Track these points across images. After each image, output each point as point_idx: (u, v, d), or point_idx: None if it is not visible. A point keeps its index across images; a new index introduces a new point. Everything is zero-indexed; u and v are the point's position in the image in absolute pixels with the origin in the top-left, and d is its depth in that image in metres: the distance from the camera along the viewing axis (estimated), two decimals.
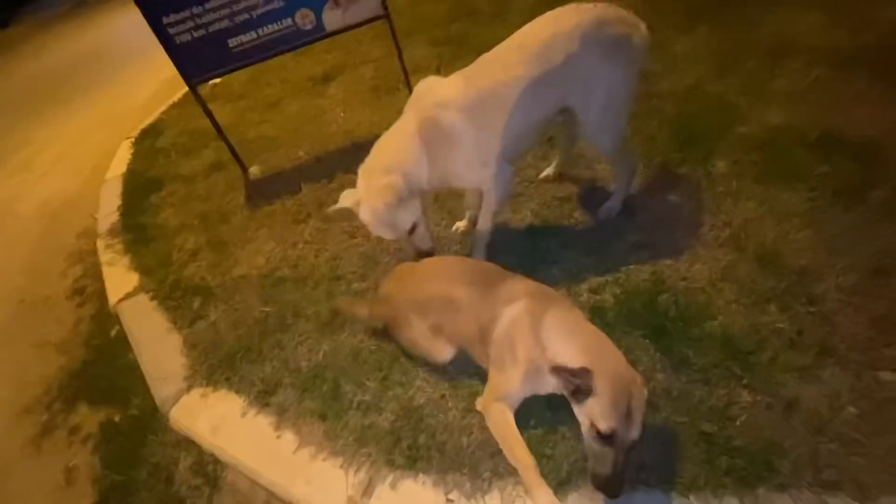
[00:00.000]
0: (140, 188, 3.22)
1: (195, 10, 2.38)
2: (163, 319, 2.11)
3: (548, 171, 2.10)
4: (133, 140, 3.99)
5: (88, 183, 3.85)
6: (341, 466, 1.37)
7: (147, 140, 3.94)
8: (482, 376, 1.40)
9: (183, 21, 2.39)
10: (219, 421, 1.62)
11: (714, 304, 1.42)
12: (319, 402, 1.54)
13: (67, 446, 2.04)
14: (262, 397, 1.63)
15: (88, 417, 2.10)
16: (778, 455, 1.09)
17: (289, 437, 1.49)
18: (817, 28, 2.44)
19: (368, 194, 1.56)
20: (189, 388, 1.77)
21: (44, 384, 2.35)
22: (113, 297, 2.37)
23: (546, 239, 1.83)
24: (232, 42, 2.50)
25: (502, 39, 1.62)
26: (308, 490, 1.35)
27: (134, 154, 3.76)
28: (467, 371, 1.47)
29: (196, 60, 2.50)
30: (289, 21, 2.51)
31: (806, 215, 1.58)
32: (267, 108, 3.77)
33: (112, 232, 2.85)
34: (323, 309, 1.85)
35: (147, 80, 5.62)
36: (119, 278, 2.48)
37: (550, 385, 1.16)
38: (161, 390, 1.81)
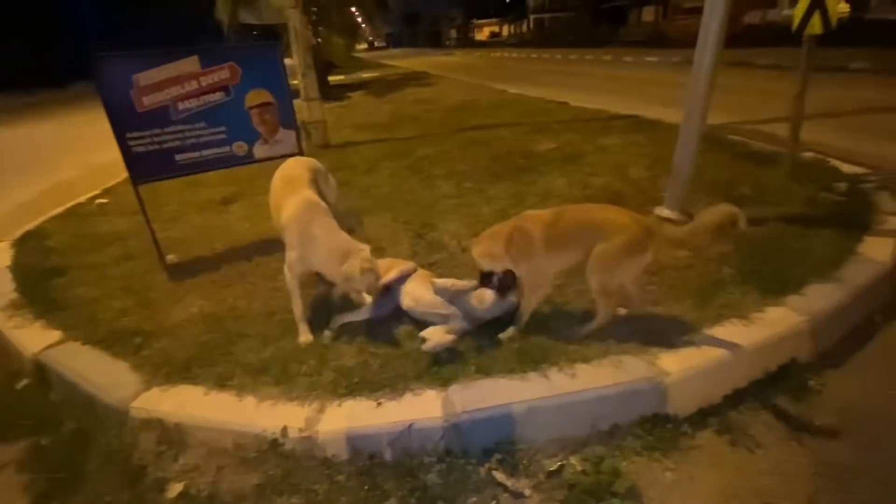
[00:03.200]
0: (38, 275, 3.38)
1: (155, 131, 3.16)
2: (102, 354, 2.41)
3: None
4: (13, 242, 4.07)
5: None
6: (298, 404, 1.96)
7: (32, 241, 4.09)
8: (393, 349, 2.22)
9: (142, 137, 3.13)
10: (183, 401, 2.05)
11: None
12: (272, 378, 2.12)
13: None
14: (220, 382, 2.12)
15: (1, 452, 2.16)
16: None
17: (250, 399, 2.02)
18: (564, 187, 4.22)
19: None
20: (148, 388, 2.14)
21: None
22: (30, 350, 2.53)
23: None
24: (178, 157, 3.28)
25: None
26: (272, 421, 1.89)
27: (18, 251, 3.86)
28: (385, 344, 2.25)
29: (145, 166, 3.18)
30: (227, 148, 3.42)
31: None
32: (169, 220, 4.31)
33: (13, 306, 2.97)
34: (263, 330, 2.47)
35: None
36: (34, 336, 2.64)
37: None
38: (115, 394, 2.12)
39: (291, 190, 2.51)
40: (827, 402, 2.03)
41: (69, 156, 8.94)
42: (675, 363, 2.00)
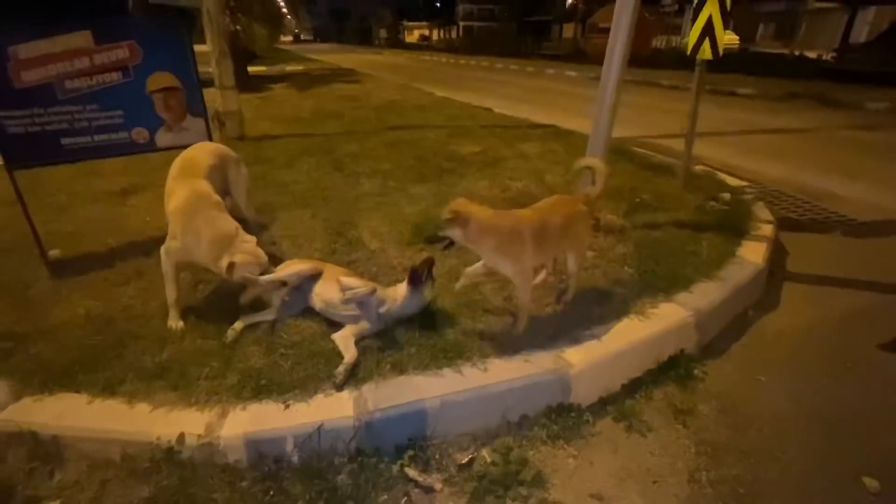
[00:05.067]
0: None
1: (36, 111, 2.81)
2: None
3: None
4: None
5: None
6: (197, 409, 1.83)
7: None
8: (305, 348, 2.15)
9: (20, 117, 2.77)
10: (62, 411, 1.83)
11: None
12: (169, 382, 1.96)
13: None
14: (108, 389, 1.92)
15: None
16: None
17: (143, 406, 1.85)
18: (485, 189, 4.34)
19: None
20: (18, 399, 1.89)
21: None
22: None
23: None
24: (65, 141, 2.94)
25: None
26: (168, 429, 1.75)
27: None
28: (297, 344, 2.17)
29: (23, 149, 2.82)
30: (125, 134, 3.12)
31: None
32: (54, 211, 3.85)
33: None
34: (161, 332, 2.28)
35: None
36: None
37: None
38: None
39: (186, 178, 2.38)
40: (708, 388, 2.26)
41: None
42: (579, 356, 2.12)
